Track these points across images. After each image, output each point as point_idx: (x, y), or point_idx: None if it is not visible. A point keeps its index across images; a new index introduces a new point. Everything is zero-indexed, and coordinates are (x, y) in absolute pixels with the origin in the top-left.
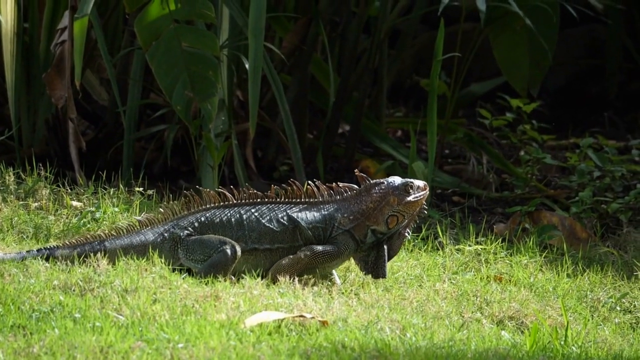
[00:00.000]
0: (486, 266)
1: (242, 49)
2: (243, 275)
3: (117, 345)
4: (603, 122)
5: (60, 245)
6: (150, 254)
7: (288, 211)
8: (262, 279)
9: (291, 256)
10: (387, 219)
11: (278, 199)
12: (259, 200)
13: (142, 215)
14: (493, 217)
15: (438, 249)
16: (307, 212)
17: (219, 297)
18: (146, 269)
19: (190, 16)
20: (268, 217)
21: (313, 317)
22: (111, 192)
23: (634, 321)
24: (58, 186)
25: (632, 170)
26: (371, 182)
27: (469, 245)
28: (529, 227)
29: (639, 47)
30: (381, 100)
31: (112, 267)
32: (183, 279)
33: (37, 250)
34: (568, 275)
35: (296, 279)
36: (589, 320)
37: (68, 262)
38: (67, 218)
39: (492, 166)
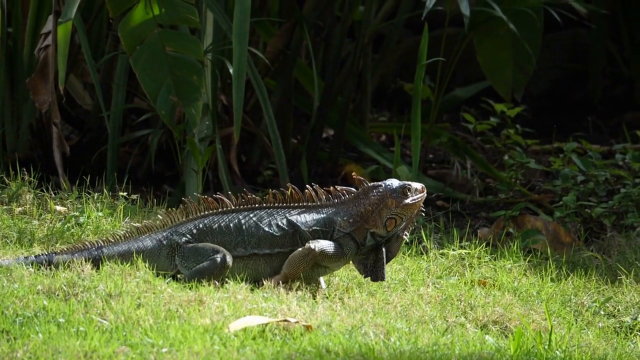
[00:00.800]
0: (470, 270)
1: (226, 53)
2: (227, 280)
3: (101, 349)
4: (587, 127)
5: (58, 251)
6: (135, 259)
7: (287, 215)
8: (258, 284)
9: (300, 249)
10: (385, 222)
11: (277, 204)
12: (257, 205)
13: (142, 222)
14: (477, 222)
15: (422, 254)
16: (306, 215)
17: (203, 302)
18: (130, 274)
19: (174, 21)
20: (267, 222)
21: (297, 322)
22: (95, 197)
23: (617, 325)
24: (42, 191)
25: (616, 174)
26: (369, 184)
27: (453, 250)
28: (513, 232)
29: (622, 52)
30: (365, 104)
31: (96, 271)
32: (167, 283)
33: (36, 257)
34: (552, 280)
35: (280, 283)
36: (572, 324)
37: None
38: (51, 223)
39: (476, 170)
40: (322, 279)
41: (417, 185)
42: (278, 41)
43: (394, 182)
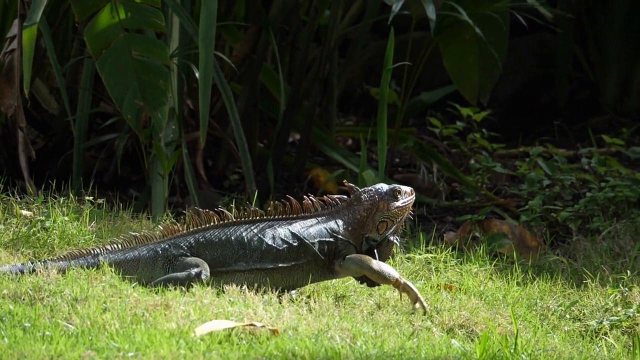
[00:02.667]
0: (436, 274)
1: (192, 57)
2: (192, 284)
3: (67, 354)
4: (553, 131)
5: (55, 258)
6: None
7: (290, 228)
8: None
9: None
10: (377, 225)
11: (277, 216)
12: (258, 217)
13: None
14: (443, 226)
15: (389, 258)
16: (309, 227)
17: (169, 306)
18: (96, 278)
19: (140, 25)
20: (270, 235)
21: (263, 326)
22: (61, 201)
23: (583, 329)
24: (7, 195)
25: (582, 178)
26: (359, 190)
27: (419, 254)
28: (479, 236)
29: (588, 56)
30: (331, 109)
31: (62, 276)
32: (133, 287)
33: (32, 263)
34: (518, 284)
35: (246, 286)
36: (538, 328)
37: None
38: (16, 227)
39: (442, 175)
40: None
41: (406, 188)
42: (244, 45)
43: (384, 186)
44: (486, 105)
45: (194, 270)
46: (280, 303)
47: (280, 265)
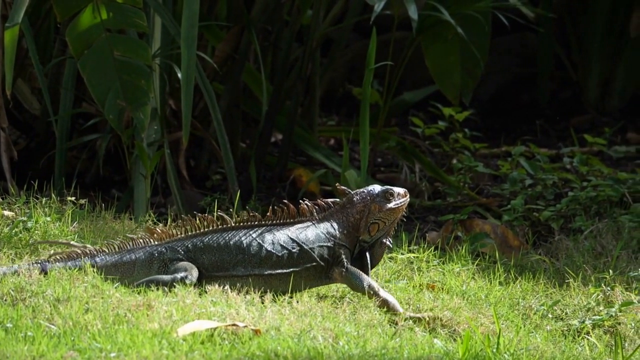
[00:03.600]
0: (419, 274)
1: (174, 58)
2: (174, 285)
3: (49, 354)
4: (535, 130)
5: (52, 259)
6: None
7: (288, 233)
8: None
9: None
10: (368, 227)
11: (275, 221)
12: (256, 223)
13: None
14: (426, 225)
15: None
16: (306, 232)
17: (152, 306)
18: (78, 279)
19: (122, 25)
20: (269, 241)
21: (246, 326)
22: (43, 202)
23: (565, 328)
24: None
25: (564, 178)
26: (351, 192)
27: (402, 254)
28: (461, 235)
29: (570, 56)
30: (314, 108)
31: (44, 276)
32: (115, 288)
33: (32, 264)
34: (500, 283)
35: (228, 286)
36: (521, 327)
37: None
38: None
39: (424, 174)
40: None
41: (399, 189)
42: (226, 45)
43: (376, 187)
44: (468, 105)
45: (179, 274)
46: (262, 303)
47: (278, 271)
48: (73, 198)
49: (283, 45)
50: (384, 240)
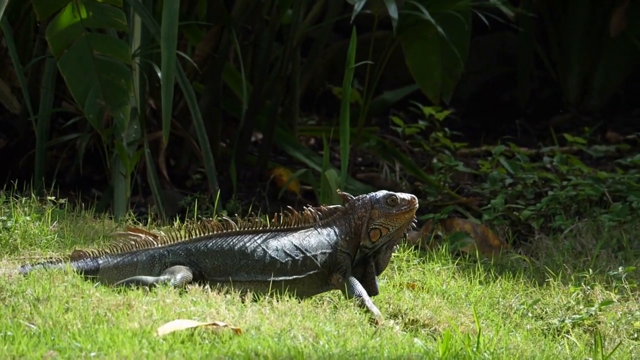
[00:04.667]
0: (399, 273)
1: (154, 57)
2: (155, 285)
3: (29, 354)
4: (515, 130)
5: (54, 260)
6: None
7: (292, 240)
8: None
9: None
10: (369, 232)
11: (279, 227)
12: (260, 228)
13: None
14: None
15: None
16: (311, 239)
17: (132, 306)
18: (58, 278)
19: (101, 24)
20: (274, 247)
21: (226, 325)
22: (23, 201)
23: (545, 327)
24: None
25: (544, 177)
26: (353, 198)
27: None
28: (441, 235)
29: (550, 55)
30: (294, 108)
31: (24, 276)
32: (95, 287)
33: (32, 265)
34: (480, 282)
35: (208, 286)
36: (501, 326)
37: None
38: None
39: (404, 174)
40: None
41: (405, 195)
42: (206, 45)
43: (379, 193)
44: (448, 104)
45: (163, 277)
46: (243, 302)
47: (282, 278)
48: (53, 197)
49: (263, 45)
50: (390, 247)
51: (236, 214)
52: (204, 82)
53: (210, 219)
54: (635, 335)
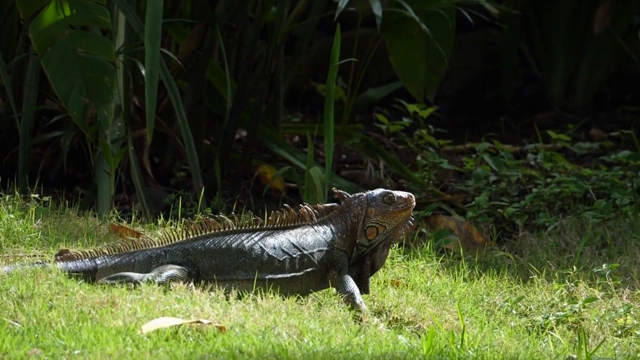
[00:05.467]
0: (383, 271)
1: (138, 54)
2: (139, 282)
3: (12, 352)
4: (499, 127)
5: (53, 259)
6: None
7: (289, 238)
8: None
9: (343, 298)
10: (365, 230)
11: (276, 225)
12: (258, 227)
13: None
14: None
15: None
16: (308, 237)
17: (116, 304)
18: (42, 276)
19: (85, 22)
20: (271, 245)
21: (210, 323)
22: (6, 199)
23: (529, 324)
24: None
25: (528, 174)
26: (350, 196)
27: None
28: (425, 232)
29: (534, 52)
30: (278, 105)
31: (7, 274)
32: (79, 285)
33: (30, 265)
34: (464, 280)
35: (192, 283)
36: (485, 324)
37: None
38: None
39: (389, 171)
40: None
41: (402, 194)
42: (190, 42)
43: (376, 191)
44: (432, 102)
45: (150, 275)
46: (227, 300)
47: (279, 276)
48: (37, 195)
49: (247, 43)
50: (387, 246)
51: (220, 212)
52: (188, 80)
53: (208, 217)
54: (619, 332)
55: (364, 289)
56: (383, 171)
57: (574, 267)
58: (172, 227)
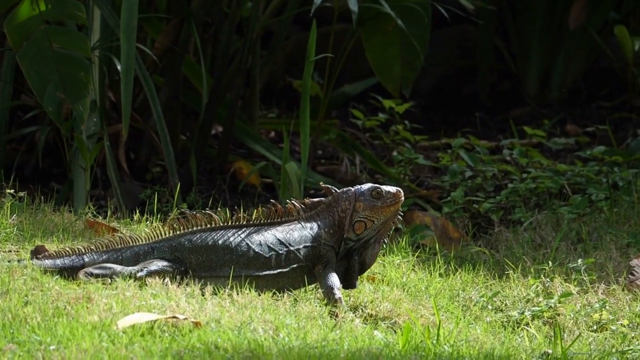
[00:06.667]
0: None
1: (113, 50)
2: (115, 278)
3: None
4: (474, 123)
5: (41, 256)
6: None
7: (275, 234)
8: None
9: (325, 296)
10: (353, 225)
11: (262, 221)
12: (245, 223)
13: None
14: None
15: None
16: (294, 233)
17: (91, 299)
18: (17, 271)
19: (61, 17)
20: (257, 242)
21: (186, 318)
22: None
23: (505, 320)
24: None
25: (503, 170)
26: (338, 191)
27: None
28: (401, 227)
29: (510, 48)
30: (254, 101)
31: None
32: (55, 281)
33: (18, 261)
34: (440, 275)
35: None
36: (460, 319)
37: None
38: None
39: (365, 166)
40: None
41: (390, 188)
42: (166, 38)
43: (364, 185)
44: (408, 97)
45: (134, 269)
46: (203, 295)
47: (265, 272)
48: (12, 190)
49: (223, 38)
50: (378, 242)
51: (196, 207)
52: (163, 75)
53: (194, 212)
54: (594, 327)
55: (350, 284)
56: (359, 166)
57: (550, 262)
58: (160, 223)
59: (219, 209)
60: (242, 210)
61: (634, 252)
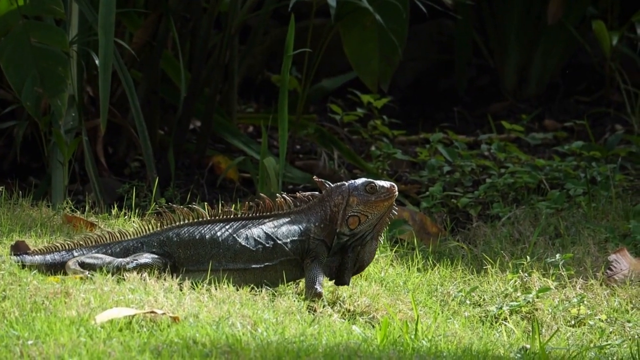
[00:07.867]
0: None
1: (92, 44)
2: (93, 272)
3: None
4: (453, 117)
5: (31, 251)
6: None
7: (263, 228)
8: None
9: (306, 292)
10: (347, 219)
11: (250, 215)
12: (232, 216)
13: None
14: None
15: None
16: (281, 227)
17: (69, 294)
18: None
19: (39, 12)
20: (244, 235)
21: (164, 313)
22: None
23: (483, 314)
24: None
25: (482, 164)
26: (331, 185)
27: None
28: None
29: (488, 43)
30: (232, 95)
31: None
32: (33, 275)
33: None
34: (418, 270)
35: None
36: (439, 314)
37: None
38: None
39: (343, 161)
40: None
41: (384, 183)
42: (144, 32)
43: (358, 180)
44: (386, 92)
45: (123, 261)
46: (181, 290)
47: (253, 266)
48: None
49: (201, 33)
50: (375, 238)
51: (174, 202)
52: (142, 70)
53: (181, 206)
54: (572, 322)
55: (342, 281)
56: (337, 161)
57: (528, 257)
58: (147, 218)
59: (196, 203)
60: (219, 204)
61: (612, 247)
